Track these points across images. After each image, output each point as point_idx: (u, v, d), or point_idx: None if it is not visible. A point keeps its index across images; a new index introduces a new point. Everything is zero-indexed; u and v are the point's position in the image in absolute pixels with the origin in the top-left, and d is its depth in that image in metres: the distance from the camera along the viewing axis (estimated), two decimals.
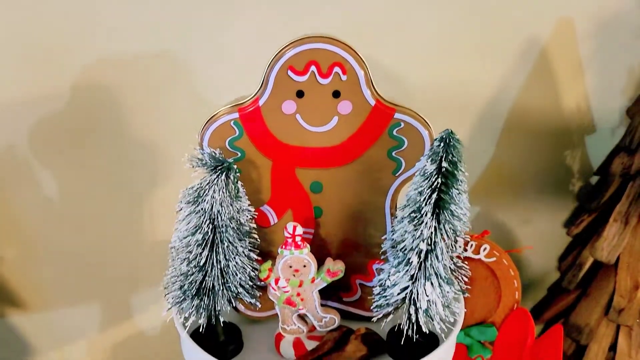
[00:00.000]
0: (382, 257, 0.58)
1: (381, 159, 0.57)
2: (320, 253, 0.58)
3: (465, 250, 0.72)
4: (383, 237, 0.58)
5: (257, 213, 0.58)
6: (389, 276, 0.54)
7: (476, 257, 0.72)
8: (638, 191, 0.84)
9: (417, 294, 0.53)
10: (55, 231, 0.84)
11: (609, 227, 0.85)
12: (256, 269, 0.56)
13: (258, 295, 0.58)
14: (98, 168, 0.82)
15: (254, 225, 0.57)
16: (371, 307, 0.57)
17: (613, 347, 0.89)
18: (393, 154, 0.57)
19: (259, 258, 0.57)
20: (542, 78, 0.91)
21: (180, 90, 0.81)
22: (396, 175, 0.58)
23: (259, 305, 0.58)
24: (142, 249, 0.88)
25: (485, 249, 0.71)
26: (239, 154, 0.57)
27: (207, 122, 0.56)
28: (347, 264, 0.58)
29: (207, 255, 0.53)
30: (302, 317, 0.59)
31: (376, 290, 0.57)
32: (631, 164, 0.85)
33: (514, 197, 1.03)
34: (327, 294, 0.62)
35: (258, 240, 0.57)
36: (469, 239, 0.54)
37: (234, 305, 0.56)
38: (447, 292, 0.54)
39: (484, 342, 0.74)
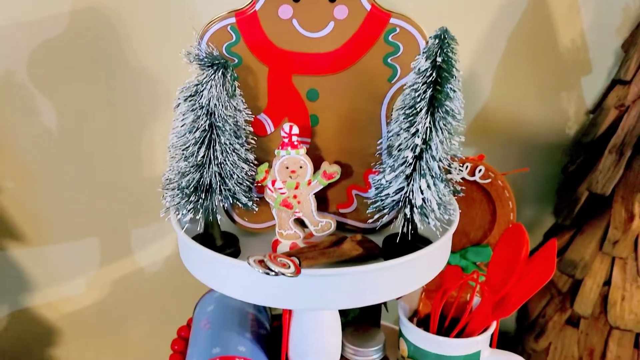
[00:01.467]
0: (377, 162, 0.59)
1: (377, 65, 0.58)
2: (317, 162, 0.59)
3: (461, 171, 0.72)
4: (379, 141, 0.59)
5: (253, 117, 0.58)
6: (384, 176, 0.55)
7: (471, 178, 0.73)
8: (633, 123, 0.84)
9: (412, 192, 0.54)
10: (54, 163, 0.84)
11: (604, 159, 0.86)
12: (253, 171, 0.57)
13: (255, 198, 0.59)
14: (97, 98, 0.82)
15: (251, 129, 0.57)
16: (367, 211, 0.58)
17: (608, 282, 0.90)
18: (389, 60, 0.58)
19: (256, 162, 0.58)
20: (538, 14, 0.92)
21: (181, 17, 0.81)
22: (392, 82, 0.58)
23: (256, 209, 0.59)
24: (141, 183, 0.88)
25: (480, 171, 0.72)
26: (236, 60, 0.58)
27: (204, 28, 0.57)
28: (343, 174, 0.59)
29: (204, 153, 0.53)
30: (298, 223, 0.60)
31: (372, 193, 0.57)
32: (626, 95, 0.85)
33: (510, 140, 1.04)
34: (324, 205, 0.63)
35: (255, 144, 0.58)
36: (463, 139, 0.55)
37: (231, 203, 0.57)
38: (442, 189, 0.54)
39: (480, 263, 0.75)
